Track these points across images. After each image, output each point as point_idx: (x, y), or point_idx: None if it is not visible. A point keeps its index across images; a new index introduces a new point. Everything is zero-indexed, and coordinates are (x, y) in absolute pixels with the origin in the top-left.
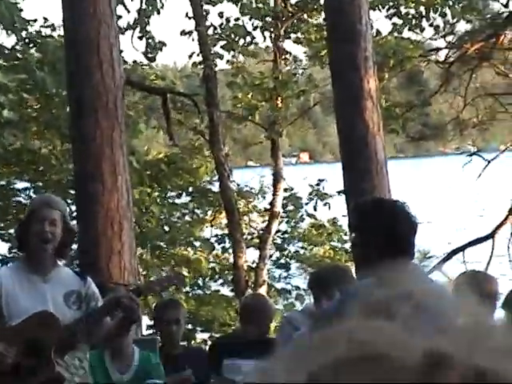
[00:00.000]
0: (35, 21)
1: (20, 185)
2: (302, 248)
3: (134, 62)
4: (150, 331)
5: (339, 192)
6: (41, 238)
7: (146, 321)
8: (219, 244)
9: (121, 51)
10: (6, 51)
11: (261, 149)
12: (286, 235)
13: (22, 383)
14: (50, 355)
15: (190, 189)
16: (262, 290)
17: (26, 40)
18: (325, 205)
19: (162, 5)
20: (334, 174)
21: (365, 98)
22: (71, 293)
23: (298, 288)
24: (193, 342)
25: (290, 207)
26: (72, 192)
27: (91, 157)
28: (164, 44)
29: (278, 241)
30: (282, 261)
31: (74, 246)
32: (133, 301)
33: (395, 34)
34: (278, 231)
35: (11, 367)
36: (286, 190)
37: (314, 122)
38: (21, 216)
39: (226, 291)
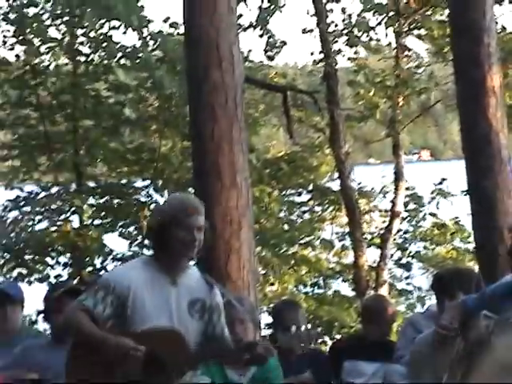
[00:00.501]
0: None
1: (140, 183)
2: (424, 248)
3: (252, 61)
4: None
5: (464, 192)
6: (189, 246)
7: (264, 319)
8: (340, 241)
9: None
10: (127, 50)
11: (382, 146)
12: (408, 234)
13: None
14: (170, 376)
15: (310, 187)
16: (383, 290)
17: (147, 38)
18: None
19: (284, 3)
20: (456, 171)
21: (488, 95)
22: (196, 301)
23: (419, 289)
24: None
25: (412, 206)
26: (191, 190)
27: (209, 154)
28: (285, 43)
29: (399, 240)
30: (404, 261)
31: None
32: (269, 353)
33: None
34: (399, 230)
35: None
36: (407, 188)
37: (435, 119)
38: (139, 214)
39: (346, 291)
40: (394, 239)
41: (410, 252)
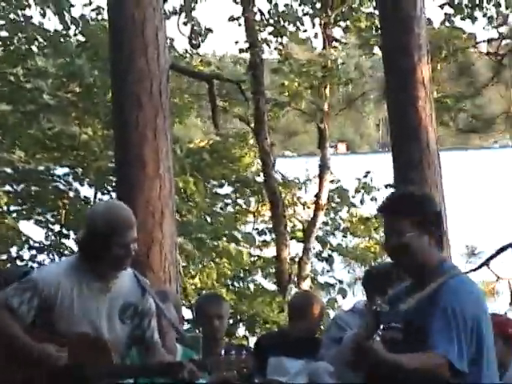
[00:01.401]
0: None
1: (59, 171)
2: (343, 238)
3: (176, 49)
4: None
5: (387, 185)
6: (124, 262)
7: (187, 315)
8: (260, 236)
9: (167, 37)
10: (49, 34)
11: (300, 139)
12: (329, 227)
13: None
14: None
15: (233, 179)
16: (306, 284)
17: (69, 23)
18: (372, 199)
19: None
20: (373, 165)
21: (418, 86)
22: (128, 306)
23: (341, 282)
24: (234, 337)
25: (336, 200)
26: (113, 179)
27: (133, 143)
28: (210, 30)
29: (320, 233)
30: (325, 254)
31: None
32: (194, 376)
33: (447, 24)
34: (323, 223)
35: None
36: (332, 181)
37: (357, 112)
38: (59, 202)
39: (268, 285)
40: (318, 233)
41: (331, 245)
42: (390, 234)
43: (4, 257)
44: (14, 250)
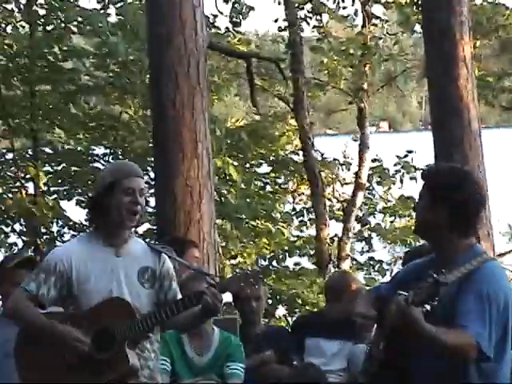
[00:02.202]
0: None
1: (99, 151)
2: (383, 220)
3: (217, 27)
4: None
5: (428, 165)
6: (131, 210)
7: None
8: (297, 218)
9: (206, 16)
10: (87, 13)
11: (340, 117)
12: (367, 207)
13: (94, 378)
14: (123, 348)
15: (272, 158)
16: (346, 264)
17: (106, 2)
18: (411, 179)
19: None
20: (415, 144)
21: (459, 65)
22: (145, 269)
23: (381, 262)
24: (273, 318)
25: (376, 179)
26: (151, 159)
27: (171, 123)
28: (252, 8)
29: (360, 213)
30: (365, 234)
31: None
32: (216, 298)
33: (489, 0)
34: (362, 203)
35: (82, 359)
36: (373, 160)
37: (398, 90)
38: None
39: (308, 265)
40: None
41: (370, 226)
42: (418, 206)
43: (46, 237)
44: (55, 230)
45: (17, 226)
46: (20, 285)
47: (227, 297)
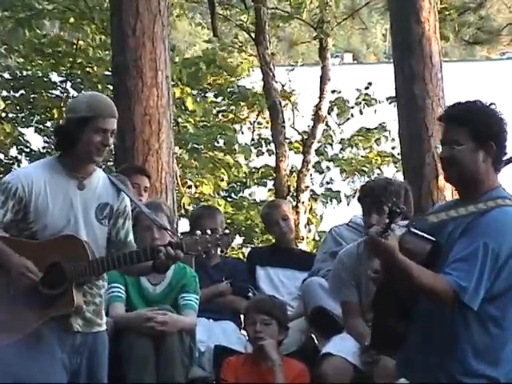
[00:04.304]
0: None
1: (56, 78)
2: (340, 151)
3: None
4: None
5: (389, 98)
6: (100, 149)
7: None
8: (255, 148)
9: None
10: None
11: (304, 48)
12: (328, 139)
13: (36, 312)
14: (71, 288)
15: (230, 90)
16: (305, 196)
17: None
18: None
19: None
20: (379, 76)
21: None
22: (104, 206)
23: (338, 193)
24: (230, 249)
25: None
26: (110, 87)
27: (131, 50)
28: None
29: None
30: (323, 165)
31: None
32: (171, 259)
33: None
34: (322, 135)
35: (28, 292)
36: (333, 91)
37: (361, 22)
38: (55, 109)
39: (265, 197)
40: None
41: (329, 156)
42: (444, 143)
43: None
44: (13, 154)
45: None
46: None
47: (184, 226)
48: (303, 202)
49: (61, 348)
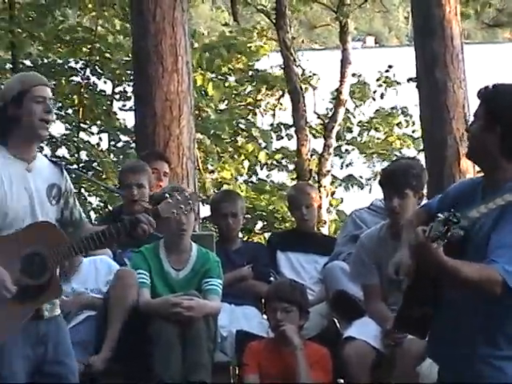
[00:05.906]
0: None
1: (77, 65)
2: (359, 134)
3: None
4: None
5: (410, 79)
6: (44, 118)
7: (203, 213)
8: (275, 133)
9: None
10: None
11: (326, 32)
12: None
13: (26, 305)
14: (55, 274)
15: (251, 74)
16: (326, 180)
17: None
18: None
19: None
20: (401, 59)
21: None
22: (52, 186)
23: (360, 177)
24: (252, 233)
25: (358, 95)
26: (130, 73)
27: (151, 36)
28: None
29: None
30: (343, 149)
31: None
32: (151, 226)
33: None
34: (343, 119)
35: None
36: (353, 75)
37: (382, 4)
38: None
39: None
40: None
41: (347, 140)
42: (471, 126)
43: None
44: None
45: None
46: None
47: (205, 212)
48: (325, 187)
49: (24, 340)
